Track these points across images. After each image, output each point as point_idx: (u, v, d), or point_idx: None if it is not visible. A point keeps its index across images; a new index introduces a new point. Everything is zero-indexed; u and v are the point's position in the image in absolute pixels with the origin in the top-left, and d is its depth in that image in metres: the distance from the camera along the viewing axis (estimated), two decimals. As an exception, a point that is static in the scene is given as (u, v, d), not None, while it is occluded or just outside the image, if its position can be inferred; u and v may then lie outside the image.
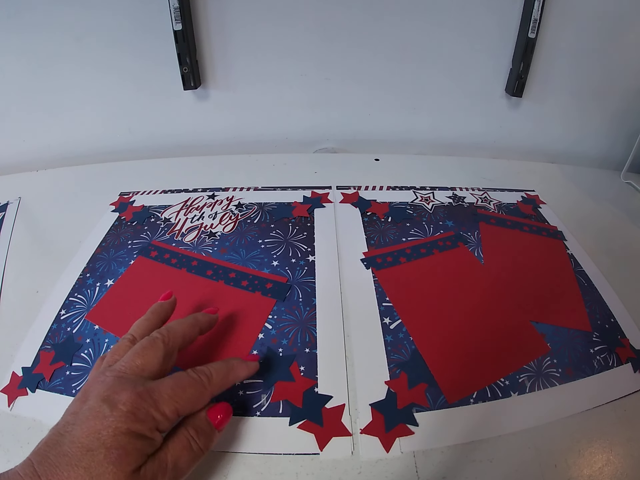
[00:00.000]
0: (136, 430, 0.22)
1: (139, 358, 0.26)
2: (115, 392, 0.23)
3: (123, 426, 0.22)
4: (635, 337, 0.37)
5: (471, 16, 0.57)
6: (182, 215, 0.51)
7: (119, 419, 0.22)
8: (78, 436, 0.21)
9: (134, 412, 0.22)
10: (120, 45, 0.58)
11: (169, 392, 0.24)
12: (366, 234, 0.47)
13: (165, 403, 0.23)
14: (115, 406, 0.22)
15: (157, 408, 0.23)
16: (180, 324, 0.30)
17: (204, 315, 0.32)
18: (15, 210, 0.54)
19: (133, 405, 0.22)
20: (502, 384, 0.33)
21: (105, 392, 0.23)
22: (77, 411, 0.23)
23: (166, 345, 0.27)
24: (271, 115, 0.67)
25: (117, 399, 0.22)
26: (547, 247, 0.47)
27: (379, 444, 0.29)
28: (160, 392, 0.24)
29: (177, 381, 0.25)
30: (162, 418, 0.23)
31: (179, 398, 0.24)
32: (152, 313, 0.32)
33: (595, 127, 0.67)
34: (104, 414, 0.22)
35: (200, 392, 0.25)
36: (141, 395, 0.23)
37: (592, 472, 0.28)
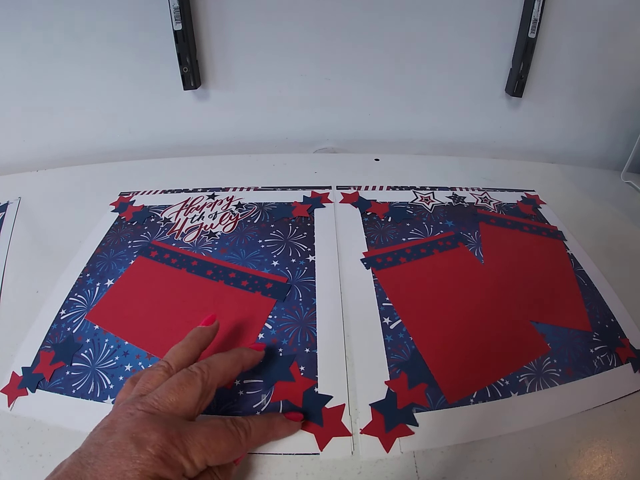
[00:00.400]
0: (163, 476, 0.21)
1: (174, 394, 0.24)
2: (144, 431, 0.22)
3: (150, 471, 0.20)
4: (635, 337, 0.37)
5: (471, 16, 0.57)
6: (182, 215, 0.51)
7: (146, 463, 0.21)
8: (101, 472, 0.20)
9: (162, 458, 0.21)
10: (120, 45, 0.58)
11: (202, 442, 0.22)
12: (366, 234, 0.47)
13: (197, 452, 0.22)
14: (144, 447, 0.21)
15: (187, 456, 0.22)
16: (223, 359, 0.28)
17: (250, 352, 0.30)
18: (15, 210, 0.54)
19: (163, 449, 0.21)
20: (502, 384, 0.33)
21: (134, 429, 0.22)
22: (101, 443, 0.22)
23: (205, 383, 0.25)
24: (271, 115, 0.67)
25: (147, 440, 0.21)
26: (547, 247, 0.47)
27: (379, 444, 0.29)
28: (193, 440, 0.22)
29: (212, 431, 0.23)
30: (191, 467, 0.22)
31: (212, 450, 0.23)
32: (191, 339, 0.29)
33: (595, 127, 0.67)
34: (130, 454, 0.21)
35: (234, 447, 0.24)
36: (172, 439, 0.22)
37: (592, 472, 0.28)
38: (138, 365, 0.34)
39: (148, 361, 0.35)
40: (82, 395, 0.32)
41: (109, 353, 0.35)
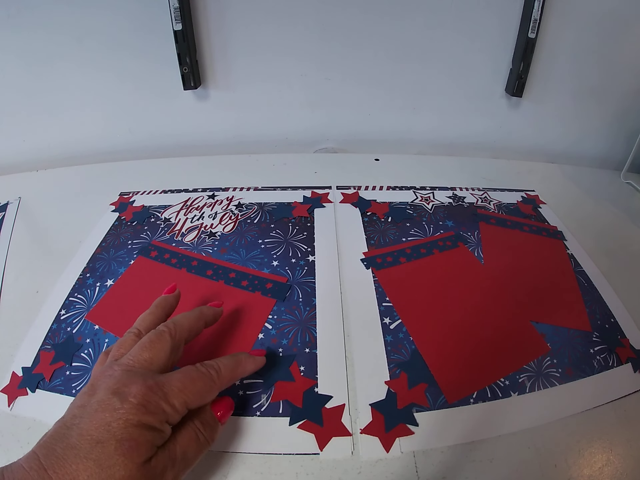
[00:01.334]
0: (147, 422, 0.22)
1: (147, 351, 0.26)
2: (125, 385, 0.23)
3: (134, 418, 0.21)
4: (635, 337, 0.37)
5: (471, 16, 0.57)
6: (182, 215, 0.51)
7: (129, 411, 0.22)
8: (87, 428, 0.21)
9: (144, 405, 0.22)
10: (120, 45, 0.58)
11: (179, 386, 0.24)
12: (366, 234, 0.47)
13: (175, 396, 0.23)
14: (126, 398, 0.22)
15: (167, 401, 0.23)
16: (186, 317, 0.30)
17: (209, 309, 0.32)
18: (15, 210, 0.54)
19: (144, 397, 0.22)
20: (502, 384, 0.33)
21: (114, 385, 0.23)
22: (84, 404, 0.23)
23: (173, 338, 0.27)
24: (271, 115, 0.67)
25: (127, 392, 0.22)
26: (547, 247, 0.47)
27: (379, 444, 0.29)
28: (170, 385, 0.24)
29: (186, 375, 0.25)
30: (172, 411, 0.23)
31: (189, 391, 0.24)
32: (156, 307, 0.31)
33: (595, 127, 0.67)
34: (114, 407, 0.22)
35: (209, 385, 0.25)
36: (151, 388, 0.23)
37: (592, 472, 0.28)
38: (138, 365, 0.34)
39: (148, 361, 0.35)
40: (82, 395, 0.32)
41: (109, 353, 0.35)
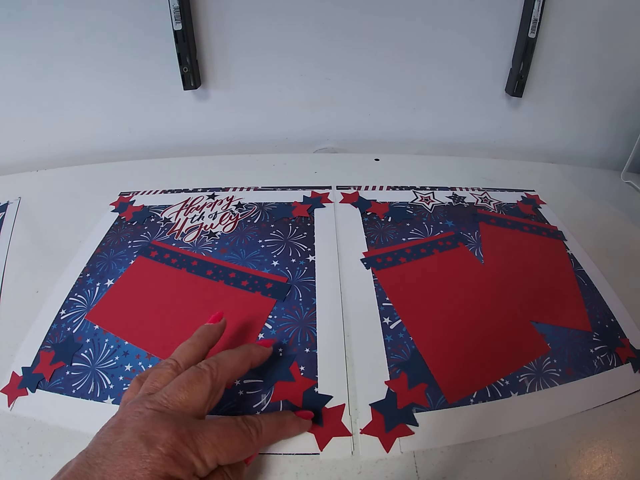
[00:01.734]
0: (174, 475, 0.20)
1: (184, 392, 0.24)
2: (154, 429, 0.21)
3: (161, 470, 0.20)
4: (635, 337, 0.37)
5: (471, 16, 0.57)
6: (182, 215, 0.51)
7: (156, 462, 0.20)
8: (110, 472, 0.20)
9: (173, 456, 0.20)
10: (120, 45, 0.58)
11: (214, 440, 0.22)
12: (366, 234, 0.47)
13: (208, 451, 0.22)
14: (154, 446, 0.20)
15: (198, 455, 0.21)
16: (232, 356, 0.28)
17: (258, 348, 0.30)
18: (15, 210, 0.54)
19: (173, 448, 0.21)
20: (502, 384, 0.33)
21: (143, 428, 0.21)
22: (109, 442, 0.21)
23: (214, 380, 0.25)
24: (271, 115, 0.67)
25: (157, 438, 0.21)
26: (547, 247, 0.47)
27: (379, 444, 0.29)
28: (204, 438, 0.22)
29: (224, 429, 0.23)
30: (202, 466, 0.21)
31: (223, 448, 0.22)
32: (198, 337, 0.29)
33: (595, 127, 0.67)
34: (140, 453, 0.20)
35: (246, 445, 0.24)
36: (183, 438, 0.21)
37: (592, 472, 0.28)
38: (138, 365, 0.34)
39: (148, 361, 0.35)
40: (82, 395, 0.32)
41: (109, 353, 0.35)
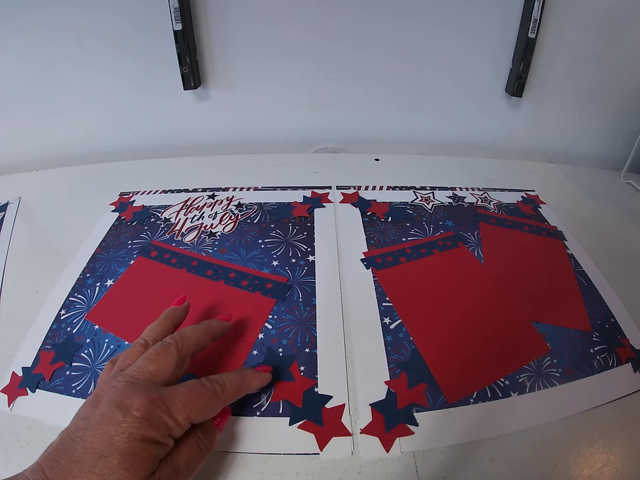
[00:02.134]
0: (150, 436, 0.22)
1: (152, 364, 0.25)
2: (128, 398, 0.23)
3: (137, 432, 0.21)
4: (635, 337, 0.37)
5: (471, 16, 0.57)
6: (182, 215, 0.51)
7: (132, 425, 0.21)
8: (90, 442, 0.21)
9: (147, 419, 0.22)
10: (120, 46, 0.58)
11: (183, 400, 0.24)
12: (366, 234, 0.47)
13: (179, 410, 0.23)
14: (129, 412, 0.22)
15: (171, 415, 0.23)
16: (194, 330, 0.29)
17: (218, 322, 0.32)
18: (15, 210, 0.54)
19: (147, 411, 0.22)
20: (502, 384, 0.33)
21: (118, 397, 0.23)
22: (88, 416, 0.23)
23: (179, 351, 0.27)
24: (271, 115, 0.67)
25: (130, 405, 0.22)
26: (547, 247, 0.47)
27: (379, 444, 0.29)
28: (173, 400, 0.23)
29: (190, 389, 0.25)
30: (175, 425, 0.23)
31: (192, 406, 0.24)
32: (165, 318, 0.31)
33: (595, 127, 0.67)
34: (117, 420, 0.22)
35: (213, 401, 0.25)
36: (155, 401, 0.23)
37: (592, 472, 0.28)
38: (138, 365, 0.34)
39: (148, 361, 0.35)
40: (82, 395, 0.32)
41: (109, 353, 0.35)
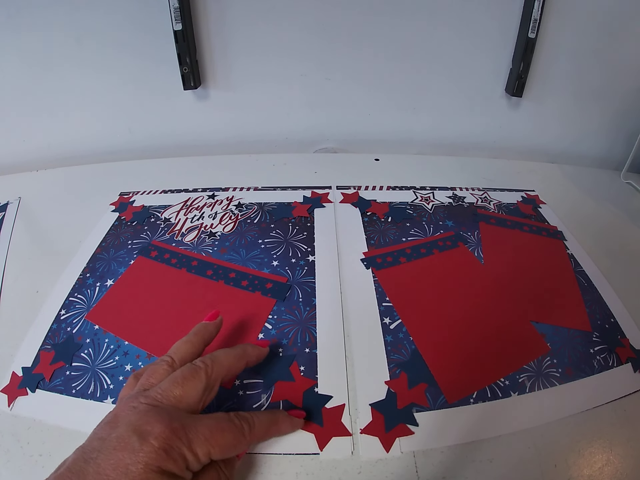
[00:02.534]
0: (167, 469, 0.21)
1: (178, 388, 0.24)
2: (147, 423, 0.22)
3: (153, 464, 0.20)
4: (635, 337, 0.37)
5: (471, 16, 0.57)
6: (182, 215, 0.51)
7: (149, 455, 0.20)
8: (104, 467, 0.20)
9: (166, 450, 0.21)
10: (120, 46, 0.58)
11: (206, 434, 0.22)
12: (366, 234, 0.47)
13: (200, 445, 0.22)
14: (147, 440, 0.21)
15: (191, 448, 0.22)
16: (227, 354, 0.28)
17: (254, 348, 0.30)
18: (15, 210, 0.54)
19: (166, 441, 0.21)
20: (502, 384, 0.33)
21: (137, 422, 0.22)
22: (104, 437, 0.22)
23: (209, 377, 0.25)
24: (271, 115, 0.67)
25: (150, 432, 0.21)
26: (547, 247, 0.47)
27: (379, 444, 0.29)
28: (196, 432, 0.22)
29: (217, 423, 0.23)
30: (194, 460, 0.22)
31: (215, 442, 0.22)
32: (195, 335, 0.29)
33: (595, 127, 0.67)
34: (133, 447, 0.21)
35: (239, 440, 0.24)
36: (176, 431, 0.22)
37: (592, 472, 0.28)
38: (138, 365, 0.34)
39: (148, 361, 0.35)
40: (82, 395, 0.32)
41: (109, 353, 0.35)
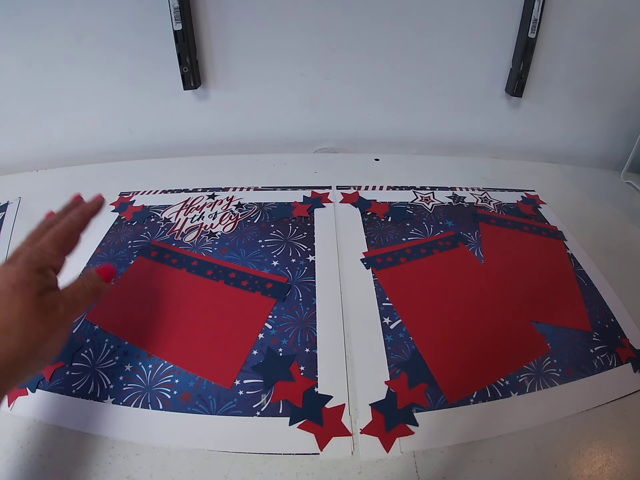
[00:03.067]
0: (33, 268, 0.26)
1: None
2: (16, 256, 0.27)
3: (23, 269, 0.25)
4: (635, 337, 0.37)
5: (471, 16, 0.57)
6: (182, 215, 0.51)
7: (19, 266, 0.26)
8: None
9: (29, 259, 0.26)
10: (120, 46, 0.58)
11: (49, 236, 0.29)
12: (366, 234, 0.47)
13: (48, 243, 0.28)
14: (15, 261, 0.26)
15: (44, 250, 0.27)
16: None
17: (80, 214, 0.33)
18: (15, 210, 0.54)
19: (28, 255, 0.27)
20: (502, 384, 0.33)
21: (10, 259, 0.27)
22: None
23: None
24: (271, 115, 0.67)
25: (17, 257, 0.27)
26: (547, 247, 0.47)
27: (379, 443, 0.29)
28: (42, 241, 0.28)
29: (54, 230, 0.30)
30: (50, 254, 0.27)
31: (55, 235, 0.29)
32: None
33: (595, 127, 0.67)
34: (7, 269, 0.26)
35: (70, 229, 0.30)
36: (33, 250, 0.27)
37: (592, 472, 0.28)
38: (138, 365, 0.34)
39: (148, 361, 0.35)
40: (82, 395, 0.32)
41: (109, 353, 0.35)
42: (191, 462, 0.28)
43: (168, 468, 0.28)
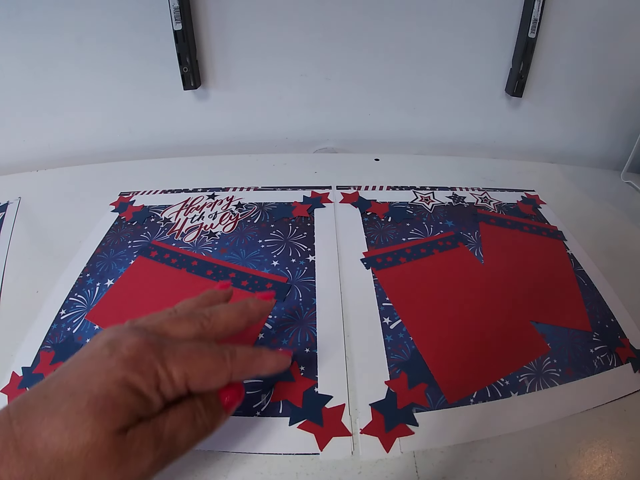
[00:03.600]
0: (132, 382, 0.18)
1: (168, 324, 0.22)
2: (124, 338, 0.20)
3: (118, 373, 0.18)
4: (635, 337, 0.37)
5: (471, 16, 0.57)
6: (182, 215, 0.51)
7: (116, 363, 0.18)
8: (68, 378, 0.18)
9: (135, 359, 0.19)
10: (120, 45, 0.58)
11: (184, 353, 0.20)
12: (366, 234, 0.47)
13: (176, 363, 0.19)
14: (118, 349, 0.19)
15: (164, 365, 0.19)
16: (227, 310, 0.25)
17: (257, 303, 0.26)
18: (15, 210, 0.54)
19: (138, 352, 0.19)
20: (502, 384, 0.33)
21: (114, 336, 0.20)
22: (79, 353, 0.20)
23: (203, 327, 0.23)
24: (271, 115, 0.67)
25: (123, 343, 0.19)
26: (547, 247, 0.47)
27: (379, 444, 0.29)
28: (174, 350, 0.20)
29: (197, 346, 0.21)
30: (167, 378, 0.19)
31: (193, 364, 0.20)
32: (203, 297, 0.28)
33: (595, 127, 0.67)
34: (102, 356, 0.19)
35: (219, 365, 0.21)
36: (151, 344, 0.19)
37: (592, 472, 0.28)
38: (138, 365, 0.34)
39: (148, 361, 0.35)
40: (82, 395, 0.32)
41: (109, 353, 0.35)
42: (191, 462, 0.28)
43: (168, 468, 0.28)
